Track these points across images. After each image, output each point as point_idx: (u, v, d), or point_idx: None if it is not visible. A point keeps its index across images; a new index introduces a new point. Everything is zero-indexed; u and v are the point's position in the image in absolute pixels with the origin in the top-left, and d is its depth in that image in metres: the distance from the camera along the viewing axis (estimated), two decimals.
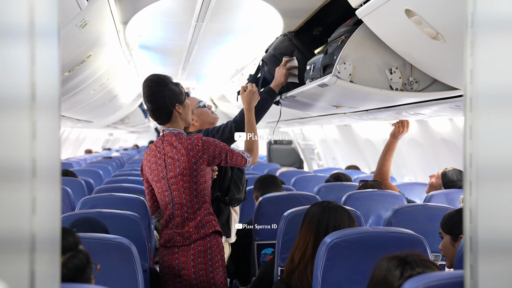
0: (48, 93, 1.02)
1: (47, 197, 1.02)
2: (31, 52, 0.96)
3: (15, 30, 0.95)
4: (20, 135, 0.96)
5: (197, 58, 5.74)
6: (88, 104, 6.27)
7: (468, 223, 1.16)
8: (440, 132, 4.39)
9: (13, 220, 0.96)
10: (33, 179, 0.97)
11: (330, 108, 3.86)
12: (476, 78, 1.12)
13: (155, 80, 2.52)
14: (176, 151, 2.49)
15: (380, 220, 3.34)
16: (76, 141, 12.91)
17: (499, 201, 1.13)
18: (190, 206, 2.52)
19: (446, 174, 3.40)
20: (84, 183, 4.55)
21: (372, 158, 6.37)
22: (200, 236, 2.51)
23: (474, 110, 1.13)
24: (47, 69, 1.02)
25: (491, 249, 1.15)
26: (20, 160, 0.96)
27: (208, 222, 2.53)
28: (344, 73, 2.50)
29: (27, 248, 0.96)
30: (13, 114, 0.96)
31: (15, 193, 0.96)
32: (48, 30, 1.01)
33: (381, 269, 1.45)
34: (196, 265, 2.51)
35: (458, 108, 2.93)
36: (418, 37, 2.10)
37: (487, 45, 1.12)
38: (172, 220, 2.55)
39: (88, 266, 1.50)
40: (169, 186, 2.52)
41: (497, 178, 1.13)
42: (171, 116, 2.54)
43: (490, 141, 1.13)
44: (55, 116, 1.05)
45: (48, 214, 1.03)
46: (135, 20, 3.95)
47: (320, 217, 2.18)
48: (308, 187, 4.63)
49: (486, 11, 1.11)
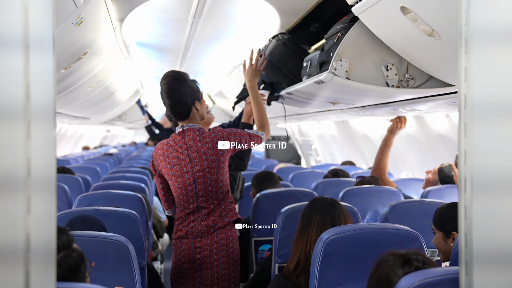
0: (43, 103, 1.02)
1: (43, 205, 1.02)
2: (25, 62, 0.96)
3: (10, 40, 0.95)
4: (14, 144, 0.96)
5: (194, 55, 5.73)
6: (85, 101, 6.26)
7: (463, 219, 1.17)
8: (437, 128, 4.40)
9: (7, 229, 0.96)
10: (28, 187, 0.97)
11: (327, 104, 3.86)
12: (470, 80, 1.12)
13: (175, 76, 2.55)
14: (201, 144, 2.53)
15: (377, 216, 3.35)
16: (73, 138, 12.90)
17: (494, 199, 1.14)
18: (216, 198, 2.57)
19: (442, 170, 3.41)
20: (81, 180, 4.55)
21: (370, 154, 6.38)
22: (224, 224, 2.57)
23: (469, 109, 1.14)
24: (42, 80, 1.01)
25: (486, 247, 1.15)
26: (14, 168, 0.96)
27: (231, 211, 2.61)
28: (340, 70, 2.50)
29: (22, 257, 0.96)
30: (7, 124, 0.95)
31: (9, 201, 0.96)
32: (43, 40, 1.01)
33: (385, 265, 1.45)
34: (219, 259, 2.55)
35: (454, 104, 2.94)
36: (414, 34, 2.10)
37: (481, 52, 1.12)
38: (196, 213, 2.57)
39: (83, 265, 1.51)
40: (195, 180, 2.55)
41: (492, 177, 1.14)
42: (189, 112, 2.57)
43: (483, 140, 1.14)
44: (50, 126, 1.05)
45: (43, 225, 1.02)
46: (132, 17, 3.94)
47: (324, 214, 2.20)
48: (305, 183, 4.64)
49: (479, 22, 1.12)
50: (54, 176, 1.08)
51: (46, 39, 1.03)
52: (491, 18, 1.12)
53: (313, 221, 2.19)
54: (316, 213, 2.20)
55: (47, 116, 1.04)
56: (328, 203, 2.22)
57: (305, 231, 2.20)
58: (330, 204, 2.21)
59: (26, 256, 0.96)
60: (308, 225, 2.20)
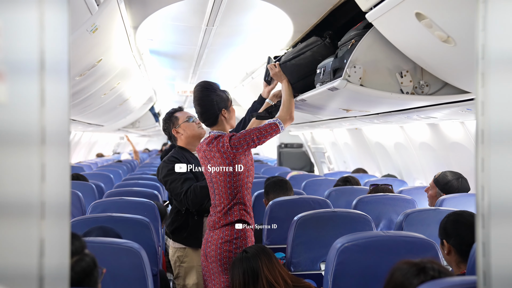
0: (58, 129, 1.02)
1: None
2: (40, 87, 0.96)
3: (26, 66, 0.95)
4: (29, 170, 0.96)
5: (208, 62, 5.75)
6: (99, 108, 6.30)
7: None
8: (452, 136, 4.36)
9: (22, 256, 0.96)
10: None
11: (341, 111, 3.85)
12: (487, 110, 1.10)
13: (205, 85, 2.77)
14: (213, 152, 2.65)
15: (391, 224, 3.32)
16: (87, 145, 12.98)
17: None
18: (225, 197, 2.65)
19: (438, 180, 3.38)
20: (95, 187, 4.57)
21: (383, 162, 6.34)
22: (226, 222, 2.63)
23: (486, 143, 1.11)
24: (57, 105, 1.01)
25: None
26: (29, 194, 0.96)
27: (236, 211, 2.65)
28: (354, 77, 2.49)
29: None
30: (22, 149, 0.96)
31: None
32: (59, 67, 1.01)
33: (400, 273, 1.43)
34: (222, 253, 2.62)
35: (469, 111, 2.91)
36: (429, 40, 2.08)
37: (498, 77, 1.10)
38: (214, 208, 2.69)
39: (95, 270, 1.51)
40: (211, 180, 2.69)
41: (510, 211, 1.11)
42: (217, 119, 2.75)
43: (502, 175, 1.10)
44: (64, 152, 1.05)
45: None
46: (146, 24, 3.97)
47: None
48: (318, 191, 4.62)
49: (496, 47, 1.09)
50: (68, 202, 1.08)
51: (62, 65, 1.04)
52: (509, 51, 1.09)
53: (260, 265, 2.30)
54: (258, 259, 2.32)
55: (61, 142, 1.05)
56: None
57: (257, 278, 2.28)
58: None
59: (40, 284, 0.97)
60: (257, 271, 2.29)
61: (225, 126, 2.77)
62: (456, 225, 2.16)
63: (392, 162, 6.05)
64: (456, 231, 2.13)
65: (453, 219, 2.19)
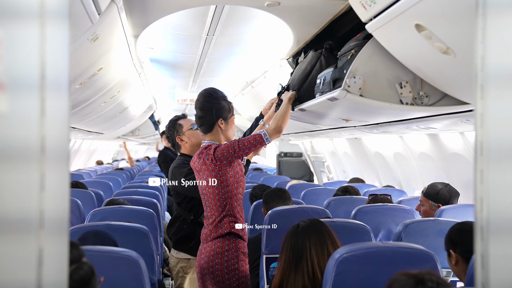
0: (57, 144, 1.02)
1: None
2: (41, 102, 0.96)
3: (26, 80, 0.95)
4: (29, 187, 0.96)
5: (208, 71, 5.77)
6: (99, 116, 6.31)
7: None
8: (451, 146, 4.36)
9: (19, 272, 0.95)
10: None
11: (340, 121, 3.85)
12: (486, 122, 1.10)
13: (209, 91, 2.74)
14: (200, 164, 2.64)
15: (390, 235, 3.31)
16: (86, 152, 12.98)
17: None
18: (215, 209, 2.64)
19: (428, 193, 3.39)
20: (94, 195, 4.56)
21: (382, 172, 6.33)
22: (217, 235, 2.61)
23: (485, 155, 1.11)
24: (57, 122, 1.01)
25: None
26: (28, 211, 0.96)
27: (226, 224, 2.62)
28: (354, 87, 2.50)
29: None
30: (22, 166, 0.95)
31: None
32: (59, 81, 1.01)
33: (398, 285, 1.43)
34: (214, 266, 2.60)
35: (469, 122, 2.91)
36: (428, 51, 2.09)
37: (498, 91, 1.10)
38: (207, 220, 2.68)
39: (93, 278, 1.51)
40: (202, 191, 2.68)
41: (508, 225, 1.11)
42: (212, 127, 2.70)
43: (501, 187, 1.10)
44: (64, 170, 1.04)
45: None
46: (146, 33, 3.98)
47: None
48: (317, 200, 4.60)
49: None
50: (67, 217, 1.08)
51: (62, 80, 1.04)
52: (508, 63, 1.10)
53: (307, 245, 2.13)
54: (307, 237, 2.14)
55: (61, 158, 1.04)
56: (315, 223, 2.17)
57: (301, 259, 2.11)
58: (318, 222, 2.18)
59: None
60: (303, 251, 2.11)
61: (219, 136, 2.72)
62: (461, 233, 2.18)
63: (392, 172, 6.05)
64: (462, 238, 2.15)
65: (458, 228, 2.22)
